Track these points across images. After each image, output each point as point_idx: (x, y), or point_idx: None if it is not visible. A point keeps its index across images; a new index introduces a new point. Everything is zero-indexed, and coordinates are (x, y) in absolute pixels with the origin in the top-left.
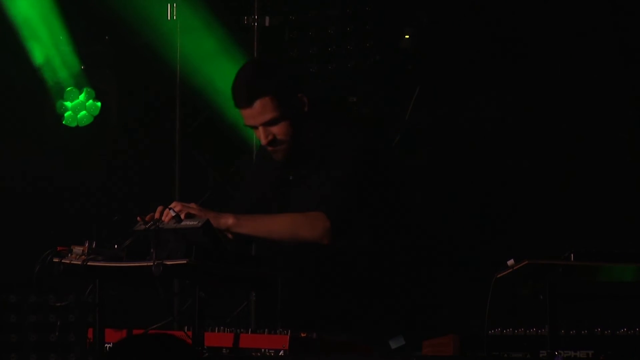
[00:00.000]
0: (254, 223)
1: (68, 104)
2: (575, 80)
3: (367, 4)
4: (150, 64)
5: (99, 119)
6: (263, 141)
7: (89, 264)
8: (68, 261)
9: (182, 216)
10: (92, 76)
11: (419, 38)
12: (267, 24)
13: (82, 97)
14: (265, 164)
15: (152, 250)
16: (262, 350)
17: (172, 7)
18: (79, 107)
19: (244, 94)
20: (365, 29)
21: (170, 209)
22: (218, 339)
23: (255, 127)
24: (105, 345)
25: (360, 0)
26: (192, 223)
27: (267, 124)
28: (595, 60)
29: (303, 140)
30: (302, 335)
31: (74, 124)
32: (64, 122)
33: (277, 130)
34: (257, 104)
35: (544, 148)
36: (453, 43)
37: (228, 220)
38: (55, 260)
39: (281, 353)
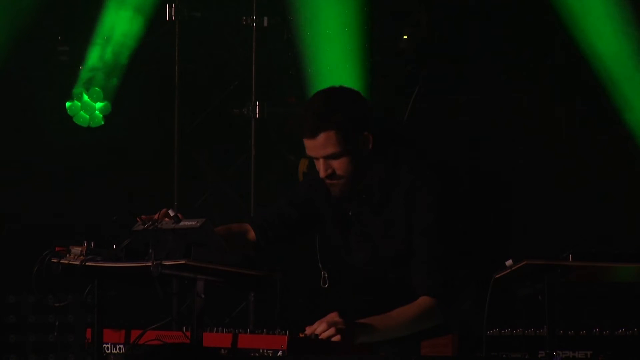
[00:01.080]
0: (384, 334)
1: (78, 103)
2: (575, 79)
3: (366, 4)
4: (150, 64)
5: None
6: (322, 174)
7: (87, 264)
8: (66, 261)
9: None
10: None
11: (418, 38)
12: (265, 24)
13: (86, 97)
14: (323, 191)
15: (150, 250)
16: (261, 350)
17: (170, 7)
18: (91, 108)
19: (309, 125)
20: (364, 29)
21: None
22: (216, 339)
23: (316, 159)
24: (104, 345)
25: (358, 0)
26: (190, 223)
27: (328, 157)
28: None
29: (362, 178)
30: (301, 335)
31: (85, 125)
32: (78, 123)
33: (337, 164)
34: (321, 137)
35: (544, 148)
36: (452, 42)
37: (365, 337)
38: (54, 260)
39: (279, 353)
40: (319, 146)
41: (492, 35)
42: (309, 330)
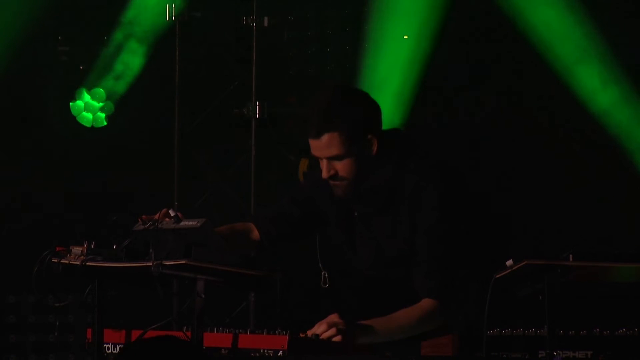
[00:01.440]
0: (385, 336)
1: (80, 103)
2: (575, 78)
3: (366, 4)
4: (150, 64)
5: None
6: (324, 174)
7: (87, 264)
8: (67, 261)
9: None
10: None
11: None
12: (266, 24)
13: (87, 97)
14: (326, 189)
15: (150, 250)
16: (261, 350)
17: (170, 7)
18: (94, 108)
19: (314, 125)
20: (363, 29)
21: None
22: (217, 339)
23: (320, 159)
24: (104, 345)
25: (358, 1)
26: (191, 223)
27: (332, 158)
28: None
29: (365, 180)
30: (301, 335)
31: (89, 125)
32: (82, 123)
33: (340, 166)
34: (325, 138)
35: (544, 148)
36: (451, 43)
37: (366, 339)
38: (54, 260)
39: (280, 353)
40: (322, 147)
41: (491, 35)
42: (309, 333)
